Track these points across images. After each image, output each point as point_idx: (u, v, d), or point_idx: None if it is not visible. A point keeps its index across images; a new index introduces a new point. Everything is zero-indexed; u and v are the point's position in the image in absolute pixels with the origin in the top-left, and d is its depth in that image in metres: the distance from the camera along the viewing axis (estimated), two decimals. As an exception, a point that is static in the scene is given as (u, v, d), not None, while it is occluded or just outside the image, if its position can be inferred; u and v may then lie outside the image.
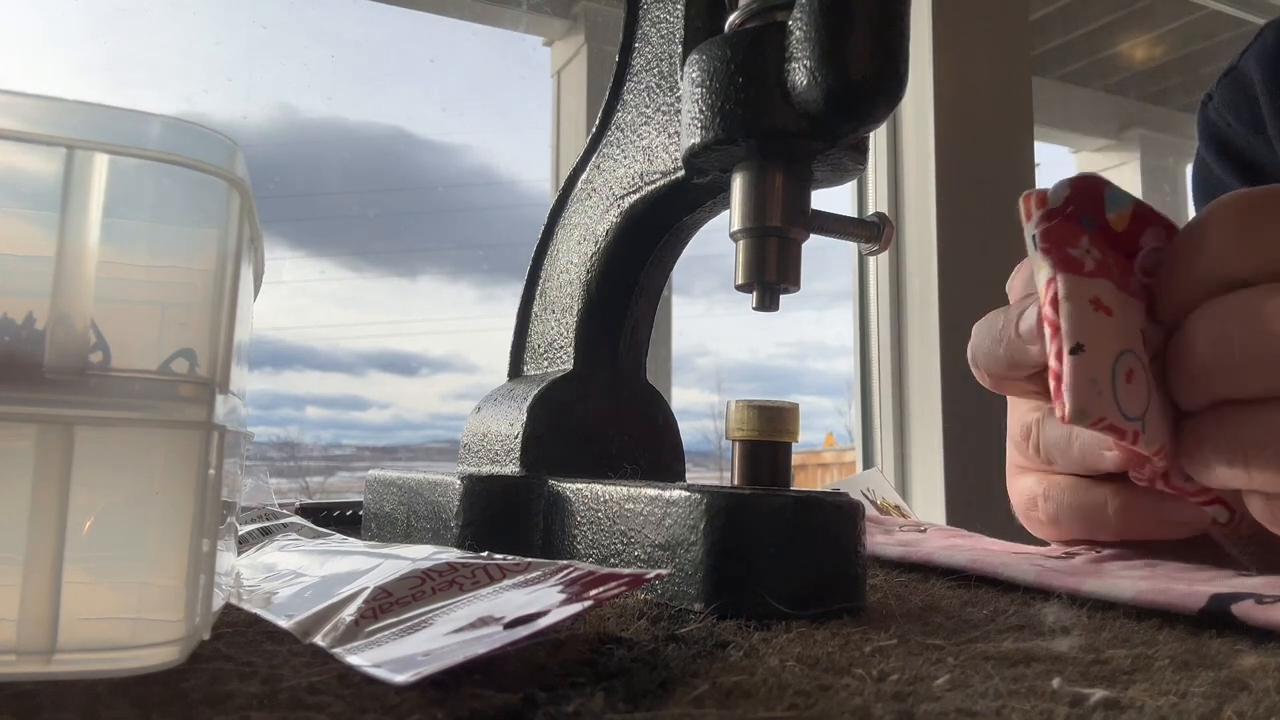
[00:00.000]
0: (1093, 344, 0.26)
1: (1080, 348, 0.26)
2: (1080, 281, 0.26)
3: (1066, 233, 0.27)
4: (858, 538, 0.32)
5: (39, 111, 0.21)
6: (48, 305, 0.20)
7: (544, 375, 0.48)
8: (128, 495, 0.21)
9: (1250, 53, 0.65)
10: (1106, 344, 0.26)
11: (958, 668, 0.24)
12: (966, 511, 1.15)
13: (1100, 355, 0.26)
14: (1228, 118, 0.66)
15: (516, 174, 1.53)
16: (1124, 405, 0.26)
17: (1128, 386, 0.26)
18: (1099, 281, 0.26)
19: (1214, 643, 0.27)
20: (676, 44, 0.42)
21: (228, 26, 1.18)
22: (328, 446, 1.40)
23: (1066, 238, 0.27)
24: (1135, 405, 0.26)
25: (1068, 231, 0.27)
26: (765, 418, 0.35)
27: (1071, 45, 2.09)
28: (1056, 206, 0.27)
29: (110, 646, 0.20)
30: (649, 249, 0.47)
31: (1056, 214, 0.27)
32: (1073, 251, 0.27)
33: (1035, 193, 0.28)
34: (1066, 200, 0.27)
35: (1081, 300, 0.26)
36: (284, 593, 0.29)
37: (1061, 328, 0.26)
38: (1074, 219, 0.27)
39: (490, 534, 0.40)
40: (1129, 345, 0.26)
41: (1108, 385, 0.26)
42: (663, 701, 0.21)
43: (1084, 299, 0.26)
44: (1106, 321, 0.26)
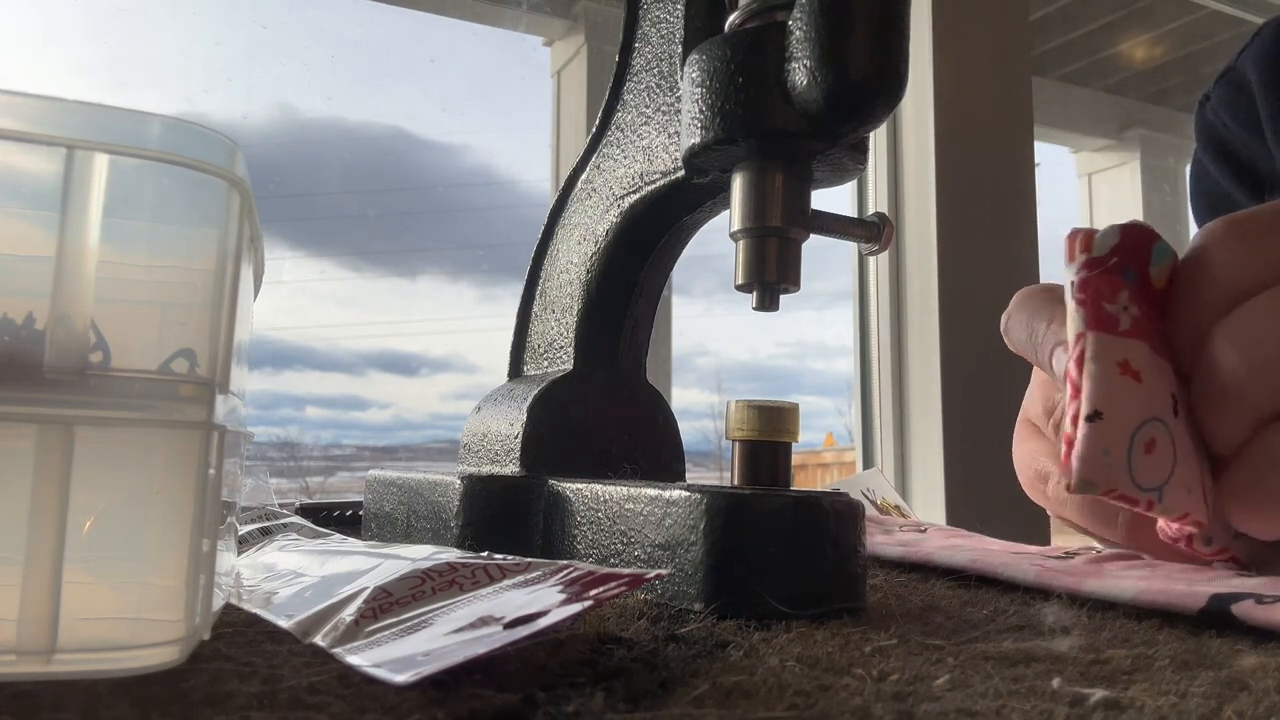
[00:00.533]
0: (1113, 411, 0.25)
1: (1098, 415, 0.25)
2: (1112, 342, 0.25)
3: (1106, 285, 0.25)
4: (858, 538, 0.32)
5: (39, 111, 0.21)
6: (48, 305, 0.20)
7: (544, 375, 0.48)
8: (128, 495, 0.21)
9: (1248, 53, 0.64)
10: (1129, 412, 0.25)
11: (958, 668, 0.24)
12: (966, 511, 1.15)
13: (1120, 424, 0.25)
14: (1225, 118, 0.66)
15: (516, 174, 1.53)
16: (1139, 476, 0.25)
17: (1146, 457, 0.25)
18: (1133, 343, 0.25)
19: (1214, 643, 0.27)
20: (676, 44, 0.42)
21: (228, 26, 1.18)
22: (328, 446, 1.40)
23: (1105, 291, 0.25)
24: (1153, 476, 0.25)
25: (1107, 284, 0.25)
26: (765, 418, 0.35)
27: (1071, 45, 2.09)
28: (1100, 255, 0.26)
29: (110, 646, 0.20)
30: (649, 249, 0.47)
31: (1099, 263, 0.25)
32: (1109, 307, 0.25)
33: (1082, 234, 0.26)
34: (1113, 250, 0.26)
35: (1109, 363, 0.25)
36: (284, 593, 0.29)
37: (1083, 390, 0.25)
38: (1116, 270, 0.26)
39: (490, 534, 0.40)
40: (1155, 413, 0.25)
41: (1123, 455, 0.25)
42: (663, 701, 0.21)
43: (1112, 361, 0.25)
44: (1133, 388, 0.25)
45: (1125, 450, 0.25)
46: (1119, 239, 0.26)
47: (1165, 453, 0.25)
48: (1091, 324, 0.25)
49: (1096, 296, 0.25)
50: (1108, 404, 0.25)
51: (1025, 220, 1.26)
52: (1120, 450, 0.25)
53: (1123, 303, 0.25)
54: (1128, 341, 0.25)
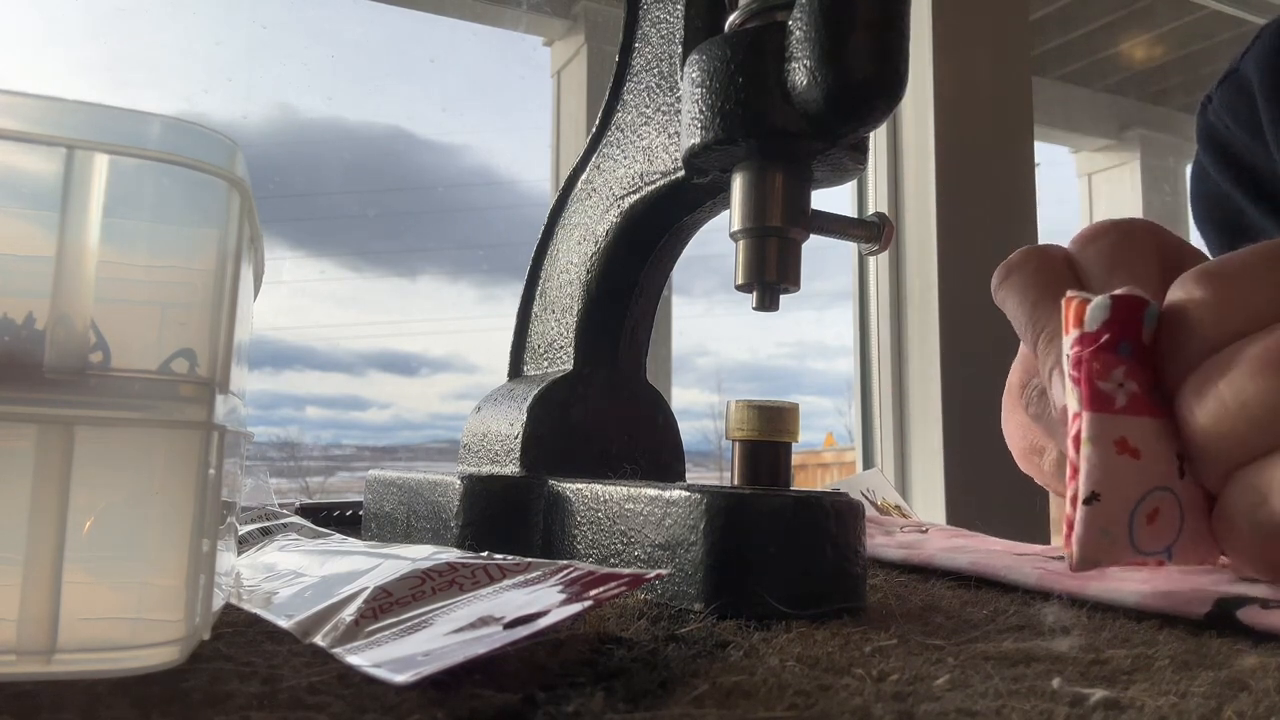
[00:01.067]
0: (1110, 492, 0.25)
1: (1095, 497, 0.25)
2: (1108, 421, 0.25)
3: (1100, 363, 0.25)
4: (858, 538, 0.32)
5: (39, 111, 0.21)
6: (48, 305, 0.20)
7: (544, 375, 0.48)
8: (128, 495, 0.21)
9: (1249, 56, 0.64)
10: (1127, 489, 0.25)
11: (958, 668, 0.24)
12: (966, 511, 1.15)
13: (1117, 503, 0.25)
14: (1227, 121, 0.65)
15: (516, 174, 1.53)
16: (1142, 545, 0.25)
17: (1149, 527, 0.25)
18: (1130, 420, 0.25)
19: (1214, 643, 0.27)
20: (676, 44, 0.42)
21: (228, 26, 1.18)
22: (328, 446, 1.40)
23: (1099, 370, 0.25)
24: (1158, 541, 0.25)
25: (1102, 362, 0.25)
26: (765, 418, 0.35)
27: (1071, 45, 2.09)
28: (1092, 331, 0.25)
29: (110, 646, 0.20)
30: (649, 249, 0.47)
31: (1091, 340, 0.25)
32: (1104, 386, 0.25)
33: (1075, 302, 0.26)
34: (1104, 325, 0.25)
35: (1105, 443, 0.25)
36: (284, 593, 0.29)
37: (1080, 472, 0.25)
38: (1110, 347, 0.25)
39: (490, 534, 0.40)
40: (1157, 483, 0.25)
41: (1123, 532, 0.25)
42: (663, 701, 0.21)
43: (1109, 441, 0.25)
44: (1131, 465, 0.25)
45: (1126, 527, 0.25)
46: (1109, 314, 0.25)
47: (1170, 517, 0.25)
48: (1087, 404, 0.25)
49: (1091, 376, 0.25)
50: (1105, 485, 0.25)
51: (1025, 220, 1.26)
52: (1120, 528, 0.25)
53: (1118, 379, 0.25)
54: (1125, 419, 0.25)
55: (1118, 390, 0.25)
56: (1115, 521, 0.25)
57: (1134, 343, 0.26)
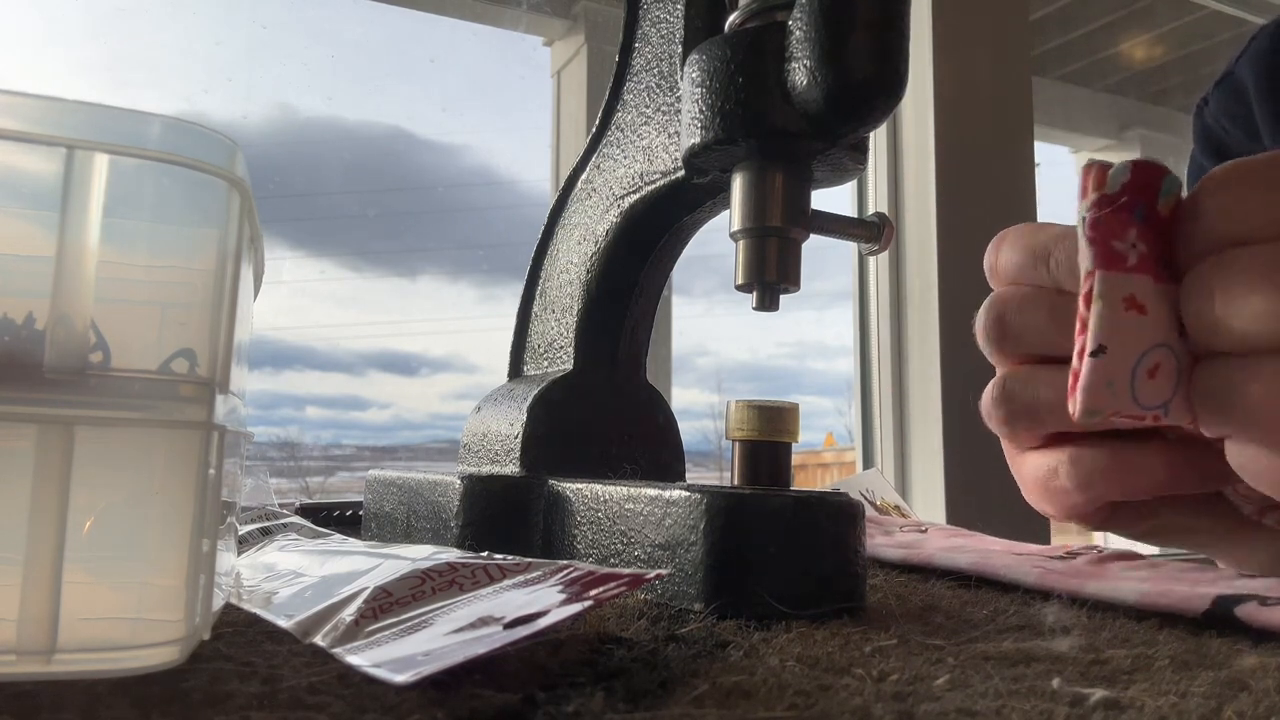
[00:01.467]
0: (1116, 345, 0.26)
1: (1102, 350, 0.26)
2: (1118, 279, 0.26)
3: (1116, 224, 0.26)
4: (858, 538, 0.32)
5: (39, 111, 0.21)
6: (48, 305, 0.20)
7: (544, 375, 0.48)
8: (128, 495, 0.21)
9: (1245, 58, 0.64)
10: (1132, 343, 0.26)
11: (958, 668, 0.24)
12: (966, 511, 1.15)
13: (1122, 356, 0.26)
14: (1223, 123, 0.65)
15: (516, 174, 1.53)
16: (1141, 398, 0.26)
17: (1150, 381, 0.26)
18: (1138, 278, 0.26)
19: (1214, 643, 0.27)
20: (676, 44, 0.42)
21: (228, 26, 1.18)
22: (328, 446, 1.40)
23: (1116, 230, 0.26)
24: (1157, 395, 0.27)
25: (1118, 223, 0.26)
26: (765, 418, 0.35)
27: (1071, 45, 2.09)
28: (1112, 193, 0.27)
29: (110, 646, 0.20)
30: (649, 249, 0.47)
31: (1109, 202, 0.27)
32: (1118, 245, 0.26)
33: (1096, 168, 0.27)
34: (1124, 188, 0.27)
35: (1114, 300, 0.26)
36: (284, 593, 0.29)
37: (1089, 327, 0.26)
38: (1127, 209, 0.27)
39: (490, 534, 0.40)
40: (1159, 340, 0.26)
41: (1125, 385, 0.26)
42: (663, 701, 0.21)
43: (1118, 298, 0.26)
44: (1138, 321, 0.26)
45: (1128, 380, 0.26)
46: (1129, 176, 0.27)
47: (1168, 373, 0.27)
48: (1099, 262, 0.26)
49: (1107, 235, 0.26)
50: (1112, 339, 0.26)
51: (1025, 220, 1.26)
52: (1123, 380, 0.26)
53: (1131, 240, 0.26)
54: (1134, 277, 0.26)
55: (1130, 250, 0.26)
56: (1119, 374, 0.26)
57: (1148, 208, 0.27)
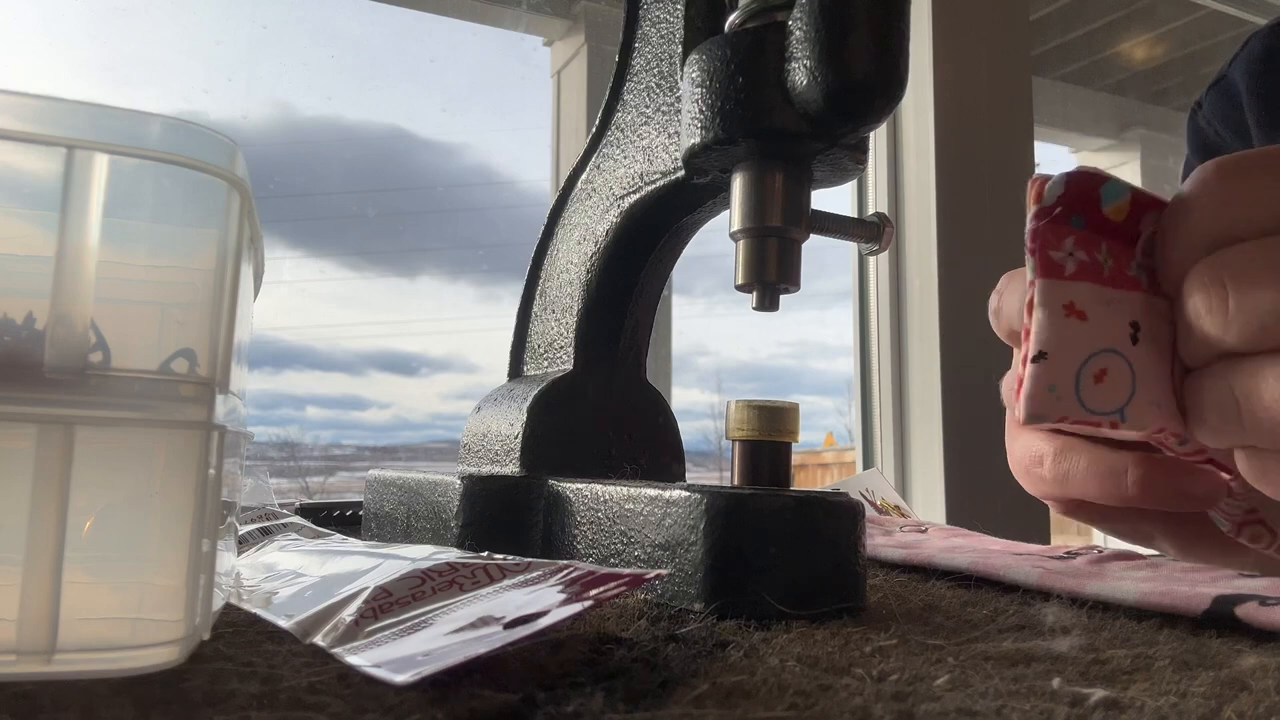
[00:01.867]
0: (1057, 351, 0.26)
1: (1043, 355, 0.26)
2: (1056, 286, 0.27)
3: (1053, 234, 0.27)
4: (858, 538, 0.32)
5: (39, 111, 0.21)
6: (48, 305, 0.20)
7: (544, 375, 0.48)
8: (128, 495, 0.21)
9: (1238, 61, 0.64)
10: (1073, 349, 0.27)
11: (958, 668, 0.24)
12: (966, 511, 1.15)
13: (1064, 361, 0.26)
14: (1217, 126, 0.65)
15: (516, 174, 1.53)
16: (1090, 403, 0.27)
17: (1097, 386, 0.27)
18: (1078, 285, 0.27)
19: (1214, 643, 0.27)
20: (676, 44, 0.42)
21: (228, 26, 1.18)
22: (328, 446, 1.40)
23: (1051, 240, 0.27)
24: (1107, 401, 0.27)
25: (1054, 233, 0.27)
26: (765, 418, 0.35)
27: (1071, 45, 2.09)
28: (1048, 205, 0.27)
29: (110, 646, 0.20)
30: (649, 249, 0.47)
31: (1046, 213, 0.27)
32: (1054, 255, 0.27)
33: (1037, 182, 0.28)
34: (1058, 199, 0.27)
35: (1054, 307, 0.27)
36: (284, 593, 0.29)
37: (1030, 333, 0.27)
38: (1062, 220, 0.27)
39: (490, 534, 0.40)
40: (1105, 344, 0.27)
41: (1070, 390, 0.26)
42: (663, 701, 0.21)
43: (1058, 305, 0.27)
44: (1078, 326, 0.27)
45: (1072, 384, 0.26)
46: (1064, 189, 0.27)
47: (1120, 379, 0.27)
48: (1040, 272, 0.27)
49: (1044, 246, 0.27)
50: (1052, 344, 0.26)
51: (1025, 220, 1.26)
52: (1067, 385, 0.26)
53: (1068, 249, 0.27)
54: (1073, 285, 0.27)
55: (1067, 259, 0.27)
56: (1062, 378, 0.26)
57: (1088, 215, 0.28)
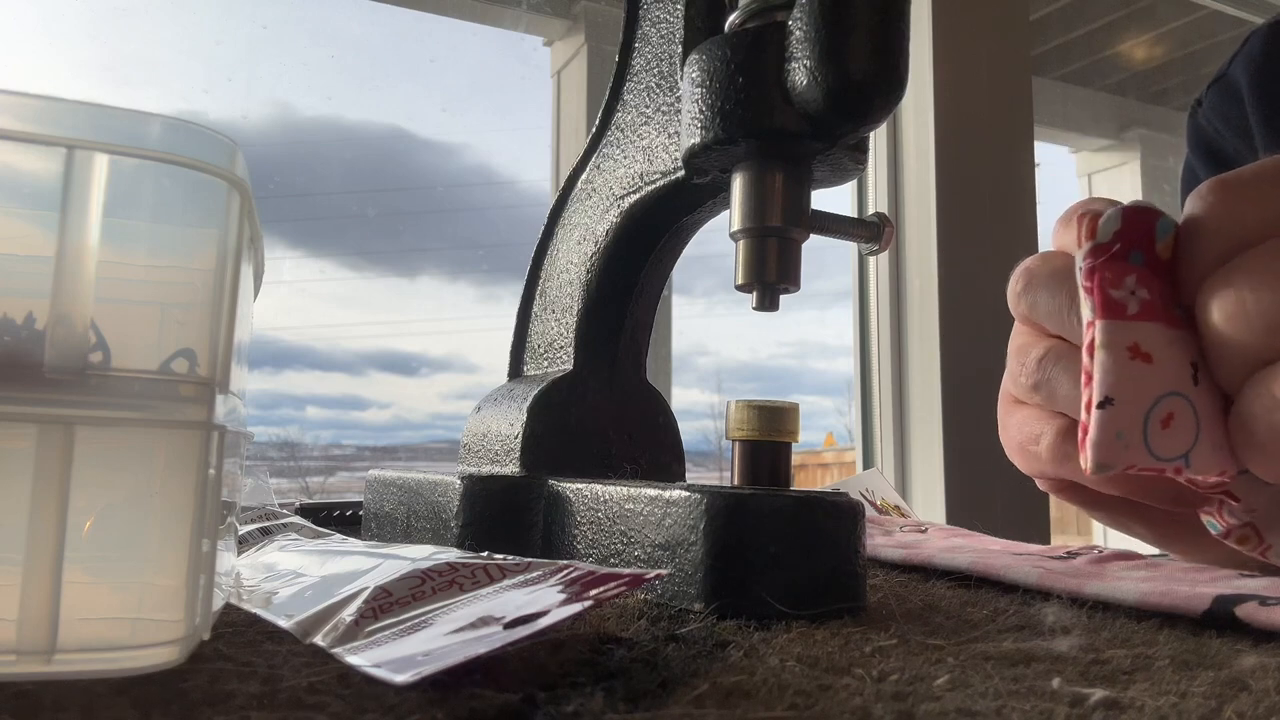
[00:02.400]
0: (1124, 396, 0.25)
1: (1109, 401, 0.25)
2: (1120, 327, 0.26)
3: (1112, 272, 0.26)
4: (858, 538, 0.32)
5: (39, 111, 0.21)
6: (48, 305, 0.20)
7: (544, 375, 0.48)
8: (128, 495, 0.21)
9: (1238, 59, 0.64)
10: (1141, 393, 0.25)
11: (958, 668, 0.24)
12: (966, 511, 1.15)
13: (1131, 407, 0.25)
14: (1217, 124, 0.65)
15: (516, 174, 1.53)
16: (1157, 450, 0.25)
17: (1164, 431, 0.25)
18: (1142, 325, 0.26)
19: (1214, 643, 0.27)
20: (676, 44, 0.42)
21: (228, 26, 1.18)
22: (328, 446, 1.40)
23: (1111, 278, 0.26)
24: (1175, 446, 0.26)
25: (1114, 271, 0.26)
26: (765, 418, 0.35)
27: (1071, 45, 2.09)
28: (1104, 242, 0.26)
29: (110, 646, 0.20)
30: (649, 249, 0.47)
31: (1103, 250, 0.26)
32: (1116, 294, 0.26)
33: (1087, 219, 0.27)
34: (1116, 235, 0.26)
35: (1119, 349, 0.25)
36: (284, 593, 0.29)
37: (1094, 378, 0.26)
38: (1122, 256, 0.26)
39: (490, 534, 0.40)
40: (1171, 388, 0.26)
41: (1138, 435, 0.25)
42: (663, 701, 0.21)
43: (1121, 347, 0.25)
44: (1144, 370, 0.25)
45: (1140, 430, 0.25)
46: (1120, 224, 0.26)
47: (1185, 422, 0.26)
48: (1100, 313, 0.26)
49: (1103, 284, 0.26)
50: (1118, 389, 0.25)
51: (1025, 220, 1.26)
52: (1134, 431, 0.25)
53: (1129, 287, 0.26)
54: (1137, 325, 0.26)
55: (1129, 298, 0.26)
56: (1130, 425, 0.25)
57: (1146, 252, 0.26)
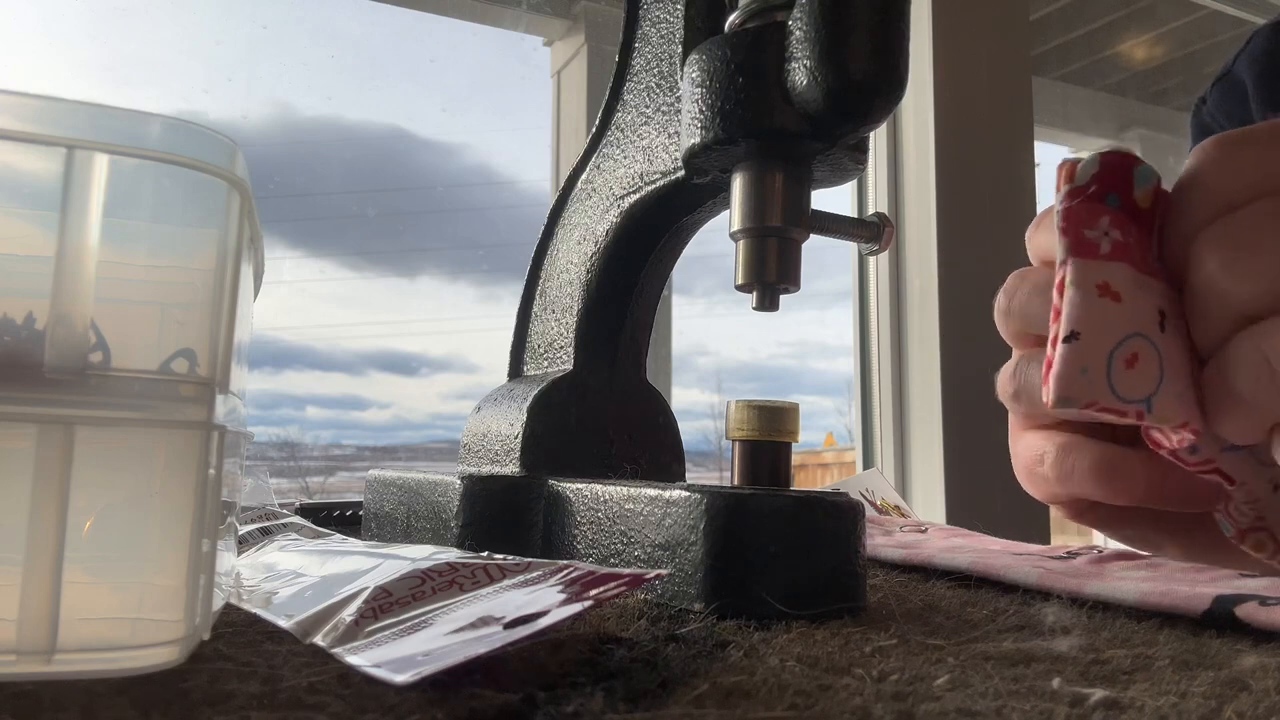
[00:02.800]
0: (1091, 331, 0.26)
1: (1075, 335, 0.26)
2: (1091, 266, 0.26)
3: (1087, 213, 0.26)
4: (858, 538, 0.32)
5: (39, 111, 0.21)
6: (48, 305, 0.20)
7: (544, 375, 0.48)
8: (128, 495, 0.21)
9: (1242, 57, 0.65)
10: (1108, 330, 0.26)
11: (958, 668, 0.24)
12: (966, 511, 1.15)
13: (1097, 343, 0.26)
14: (1221, 121, 0.66)
15: (516, 174, 1.53)
16: (1121, 389, 0.26)
17: (1128, 371, 0.26)
18: (1113, 265, 0.26)
19: (1214, 643, 0.27)
20: (676, 44, 0.42)
21: (228, 26, 1.18)
22: (328, 446, 1.40)
23: (1086, 218, 0.26)
24: (1138, 388, 0.26)
25: (1089, 212, 0.26)
26: (765, 418, 0.35)
27: (1071, 45, 2.09)
28: (1081, 185, 0.27)
29: (110, 646, 0.20)
30: (649, 249, 0.47)
31: (1079, 193, 0.27)
32: (1089, 234, 0.26)
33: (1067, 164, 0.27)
34: (1092, 178, 0.27)
35: (1088, 286, 0.26)
36: (284, 593, 0.29)
37: (1063, 313, 0.26)
38: (1097, 198, 0.27)
39: (490, 534, 0.40)
40: (1137, 329, 0.26)
41: (1101, 372, 0.25)
42: (663, 701, 0.21)
43: (1091, 285, 0.26)
44: (1112, 308, 0.26)
45: (1104, 367, 0.25)
46: (1099, 167, 0.27)
47: (1149, 366, 0.26)
48: (1073, 250, 0.26)
49: (1077, 224, 0.26)
50: (1085, 325, 0.25)
51: (1025, 220, 1.25)
52: (1099, 367, 0.25)
53: (1103, 228, 0.26)
54: (1108, 264, 0.26)
55: (1102, 238, 0.26)
56: (1094, 360, 0.25)
57: (1122, 196, 0.27)
